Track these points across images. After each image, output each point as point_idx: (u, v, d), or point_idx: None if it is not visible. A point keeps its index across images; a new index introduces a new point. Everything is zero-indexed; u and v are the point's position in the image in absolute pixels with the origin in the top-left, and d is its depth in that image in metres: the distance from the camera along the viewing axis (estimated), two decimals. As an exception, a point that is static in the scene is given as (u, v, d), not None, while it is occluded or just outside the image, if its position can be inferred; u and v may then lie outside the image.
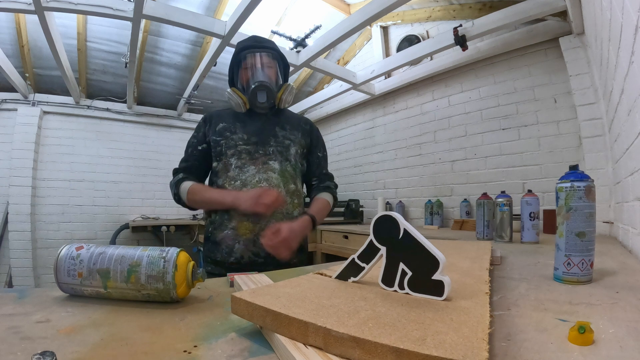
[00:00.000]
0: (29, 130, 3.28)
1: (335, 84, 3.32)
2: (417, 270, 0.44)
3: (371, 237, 0.48)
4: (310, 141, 1.20)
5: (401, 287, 0.45)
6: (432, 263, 0.42)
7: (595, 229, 0.63)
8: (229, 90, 1.11)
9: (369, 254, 0.49)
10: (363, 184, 3.47)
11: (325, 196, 1.17)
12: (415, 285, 0.44)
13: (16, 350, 0.35)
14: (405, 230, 0.45)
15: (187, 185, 1.08)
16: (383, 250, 0.47)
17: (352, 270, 0.51)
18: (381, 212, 0.48)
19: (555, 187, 0.66)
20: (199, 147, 1.12)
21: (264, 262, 1.01)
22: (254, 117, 1.13)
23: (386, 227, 0.47)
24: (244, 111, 1.11)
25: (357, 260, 0.50)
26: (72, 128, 3.55)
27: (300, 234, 1.01)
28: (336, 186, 1.25)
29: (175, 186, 1.09)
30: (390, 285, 0.46)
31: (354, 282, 0.51)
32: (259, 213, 0.96)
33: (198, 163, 1.12)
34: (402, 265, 0.45)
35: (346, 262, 0.52)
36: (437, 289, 0.42)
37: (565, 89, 1.97)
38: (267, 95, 1.08)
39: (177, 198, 1.10)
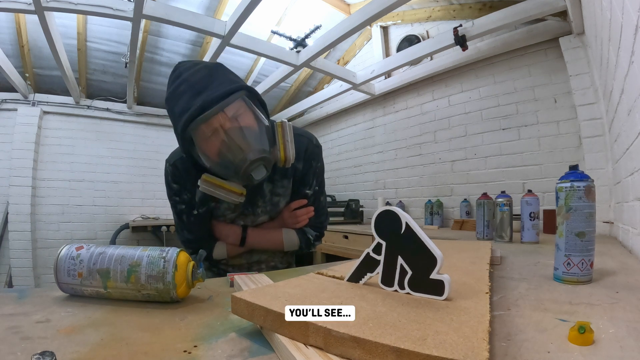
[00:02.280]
0: (29, 130, 3.28)
1: (335, 84, 3.32)
2: (417, 269, 0.44)
3: (372, 231, 0.47)
4: (300, 180, 0.95)
5: (401, 286, 0.45)
6: (431, 261, 0.42)
7: (595, 229, 0.63)
8: (202, 184, 0.78)
9: (380, 249, 0.48)
10: (363, 184, 3.47)
11: (288, 233, 0.95)
12: (415, 285, 0.44)
13: (16, 350, 0.35)
14: (407, 224, 0.44)
15: (221, 251, 0.95)
16: (382, 243, 0.46)
17: (368, 266, 0.48)
18: (382, 207, 0.48)
19: (555, 187, 0.66)
20: (194, 212, 0.91)
21: None
22: None
23: (388, 222, 0.46)
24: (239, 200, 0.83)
25: (372, 254, 0.48)
26: (72, 128, 3.55)
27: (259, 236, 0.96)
28: (318, 237, 1.01)
29: (206, 260, 0.95)
30: (390, 285, 0.46)
31: (368, 279, 0.49)
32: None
33: (202, 229, 0.94)
34: (400, 261, 0.45)
35: (358, 261, 0.50)
36: (437, 288, 0.42)
37: (565, 89, 1.97)
38: (265, 167, 0.75)
39: (213, 263, 1.00)
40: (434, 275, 0.42)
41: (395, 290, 0.45)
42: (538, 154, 2.12)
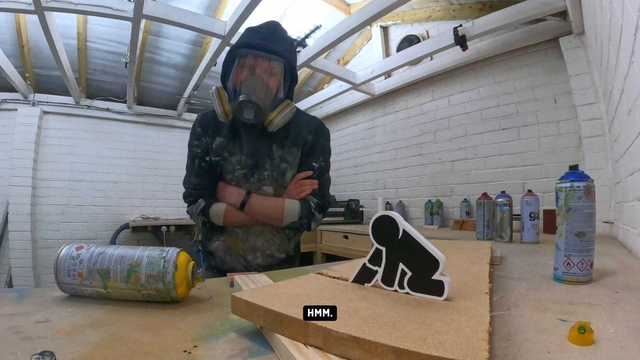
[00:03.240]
0: (29, 130, 3.28)
1: (335, 84, 3.32)
2: (417, 270, 0.44)
3: (370, 237, 0.47)
4: (308, 151, 1.01)
5: (401, 286, 0.45)
6: (432, 263, 0.42)
7: (595, 229, 0.63)
8: (214, 89, 0.92)
9: (378, 257, 0.48)
10: (363, 184, 3.47)
11: (291, 201, 0.97)
12: (415, 285, 0.44)
13: (16, 350, 0.35)
14: (404, 230, 0.45)
15: (219, 208, 0.96)
16: (383, 250, 0.47)
17: (366, 275, 0.49)
18: (380, 212, 0.48)
19: (555, 187, 0.66)
20: (207, 159, 0.98)
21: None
22: (250, 131, 0.98)
23: (385, 227, 0.46)
24: (226, 121, 0.95)
25: (368, 265, 0.48)
26: (72, 128, 3.55)
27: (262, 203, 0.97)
28: (321, 208, 1.01)
29: (202, 214, 0.96)
30: (390, 285, 0.46)
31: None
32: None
33: (210, 179, 0.99)
34: (401, 266, 0.45)
35: (357, 270, 0.50)
36: (437, 288, 0.42)
37: (565, 89, 1.97)
38: (255, 114, 0.90)
39: (209, 224, 0.98)
40: (435, 277, 0.42)
41: (395, 290, 0.45)
42: (538, 154, 2.12)
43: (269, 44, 0.91)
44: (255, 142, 0.98)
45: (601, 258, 0.88)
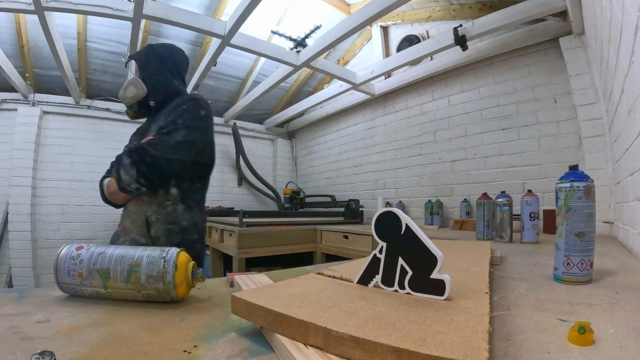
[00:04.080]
0: (29, 130, 3.28)
1: (335, 84, 3.32)
2: (417, 269, 0.44)
3: (372, 232, 0.48)
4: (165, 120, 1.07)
5: (401, 286, 0.45)
6: (431, 260, 0.43)
7: (595, 229, 0.63)
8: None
9: (377, 263, 0.48)
10: (363, 184, 3.47)
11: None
12: (415, 285, 0.44)
13: (16, 350, 0.35)
14: (407, 225, 0.45)
15: (105, 182, 1.10)
16: (383, 245, 0.47)
17: (376, 268, 0.48)
18: (383, 209, 0.48)
19: (555, 187, 0.66)
20: None
21: None
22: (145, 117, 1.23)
23: (388, 223, 0.47)
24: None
25: (378, 255, 0.48)
26: (72, 128, 3.54)
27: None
28: (130, 152, 0.95)
29: (100, 186, 1.14)
30: (390, 285, 0.46)
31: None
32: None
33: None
34: (401, 261, 0.45)
35: (366, 263, 0.49)
36: (437, 288, 0.42)
37: (566, 89, 1.97)
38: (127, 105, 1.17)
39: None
40: (434, 275, 0.42)
41: (396, 290, 0.45)
42: (538, 154, 2.12)
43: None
44: (143, 126, 1.20)
45: (601, 258, 0.89)
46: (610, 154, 1.67)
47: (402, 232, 0.45)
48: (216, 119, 4.20)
